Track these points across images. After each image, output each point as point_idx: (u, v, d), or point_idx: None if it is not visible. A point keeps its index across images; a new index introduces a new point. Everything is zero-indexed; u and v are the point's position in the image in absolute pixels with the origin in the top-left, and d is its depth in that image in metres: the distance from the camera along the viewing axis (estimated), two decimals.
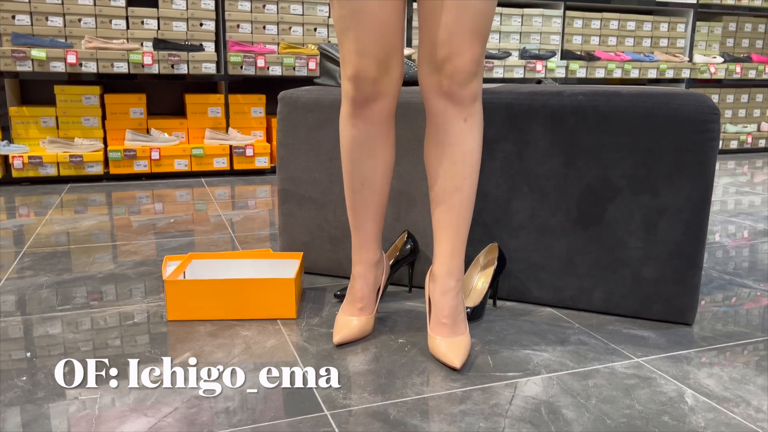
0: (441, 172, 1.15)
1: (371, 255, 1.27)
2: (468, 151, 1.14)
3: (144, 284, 1.63)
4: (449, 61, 1.08)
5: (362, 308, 1.27)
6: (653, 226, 1.33)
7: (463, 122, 1.12)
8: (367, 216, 1.24)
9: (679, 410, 1.01)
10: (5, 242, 2.06)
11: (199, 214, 2.51)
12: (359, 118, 1.17)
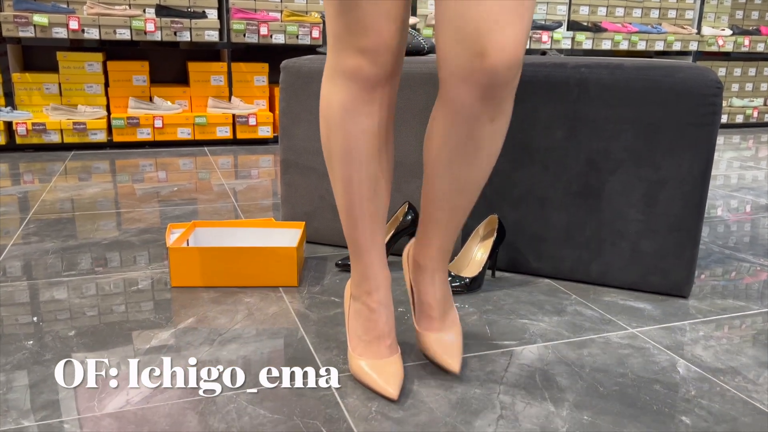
0: (448, 174, 0.93)
1: (387, 272, 1.02)
2: (487, 155, 0.91)
3: (148, 251, 1.65)
4: (490, 40, 0.79)
5: (392, 344, 1.01)
6: (653, 199, 1.34)
7: (490, 123, 0.87)
8: (378, 229, 0.99)
9: (671, 379, 1.03)
10: (10, 208, 2.08)
11: (202, 183, 2.52)
12: (374, 104, 0.91)
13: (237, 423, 0.89)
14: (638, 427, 0.90)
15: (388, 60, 0.89)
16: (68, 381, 1.00)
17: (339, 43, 0.89)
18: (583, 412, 0.93)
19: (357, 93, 0.90)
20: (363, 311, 1.01)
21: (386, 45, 0.87)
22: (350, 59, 0.88)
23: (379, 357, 0.99)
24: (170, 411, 0.92)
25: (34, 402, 0.94)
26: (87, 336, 1.16)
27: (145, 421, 0.89)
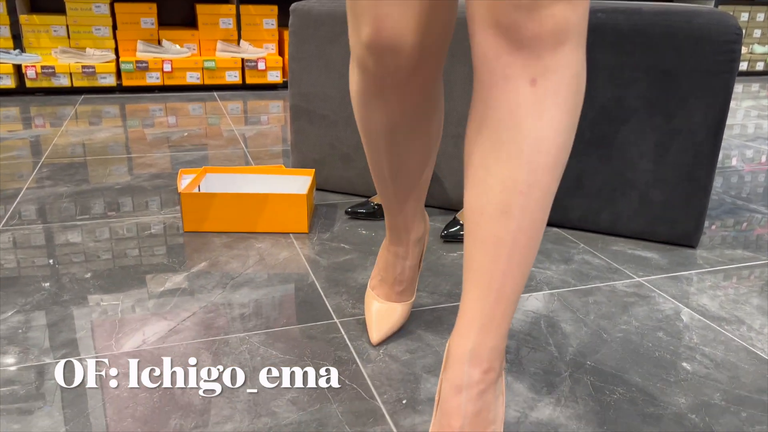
0: (481, 173, 0.63)
1: (415, 233, 0.97)
2: (535, 142, 0.59)
3: (160, 196, 1.67)
4: None
5: (403, 291, 1.00)
6: (665, 148, 1.33)
7: (530, 86, 0.58)
8: (408, 199, 0.90)
9: (675, 327, 1.05)
10: (23, 152, 2.09)
11: (212, 129, 2.51)
12: (386, 100, 0.75)
13: (249, 363, 0.92)
14: (640, 372, 0.92)
15: (398, 63, 0.69)
16: (86, 320, 1.03)
17: (350, 24, 0.71)
18: (587, 358, 0.96)
19: (366, 85, 0.75)
20: (388, 252, 0.99)
21: (392, 45, 0.67)
22: (356, 49, 0.72)
23: (386, 298, 1.00)
24: (185, 350, 0.95)
25: (54, 340, 0.98)
26: (103, 278, 1.19)
27: (161, 360, 0.93)
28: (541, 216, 0.62)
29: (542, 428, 0.80)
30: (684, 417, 0.82)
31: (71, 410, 0.81)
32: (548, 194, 0.62)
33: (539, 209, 0.62)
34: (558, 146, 0.60)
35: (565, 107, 0.60)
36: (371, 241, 1.39)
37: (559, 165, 0.61)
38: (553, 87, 0.59)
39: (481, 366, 0.65)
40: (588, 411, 0.83)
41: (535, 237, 0.63)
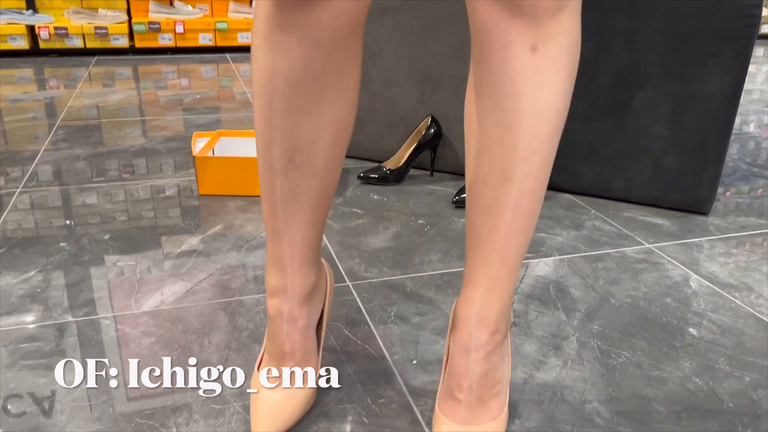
0: (483, 141, 0.63)
1: (299, 280, 0.73)
2: (535, 109, 0.59)
3: (174, 159, 1.69)
4: None
5: (295, 369, 0.75)
6: (680, 114, 1.32)
7: (530, 53, 0.57)
8: (297, 215, 0.70)
9: (683, 294, 1.06)
10: (39, 114, 2.11)
11: (224, 91, 2.51)
12: (291, 33, 0.60)
13: (265, 323, 0.95)
14: (646, 337, 0.94)
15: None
16: (106, 278, 1.06)
17: None
18: (594, 322, 0.97)
19: (272, 12, 0.60)
20: (269, 310, 0.75)
21: None
22: None
23: (275, 384, 0.74)
24: (202, 311, 0.98)
25: (76, 299, 1.01)
26: (120, 240, 1.22)
27: (179, 320, 0.95)
28: (542, 181, 0.63)
29: (548, 389, 0.82)
30: (688, 380, 0.84)
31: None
32: (549, 160, 0.62)
33: (540, 174, 0.63)
34: (558, 112, 0.61)
35: (564, 73, 0.60)
36: (384, 206, 1.40)
37: (559, 131, 0.62)
38: (553, 53, 0.58)
39: (487, 328, 0.67)
40: (594, 373, 0.85)
41: (536, 202, 0.64)
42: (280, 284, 0.73)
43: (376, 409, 0.78)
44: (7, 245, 1.18)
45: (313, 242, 0.73)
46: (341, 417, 0.76)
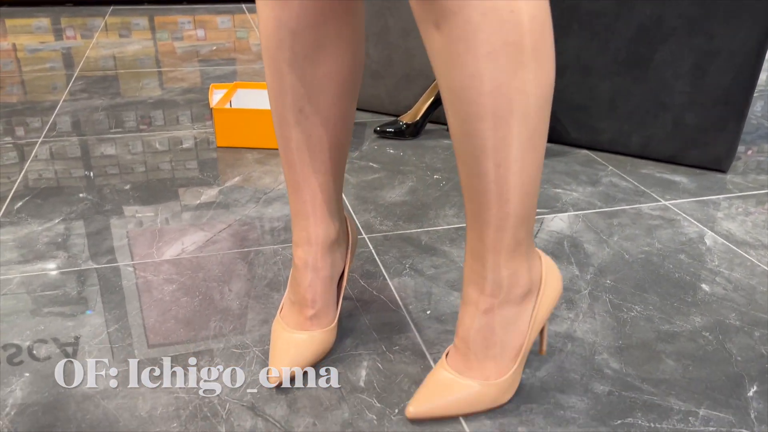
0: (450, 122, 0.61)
1: (322, 230, 0.76)
2: (454, 90, 0.56)
3: (191, 111, 1.69)
4: None
5: (314, 316, 0.77)
6: (702, 70, 1.30)
7: (435, 30, 0.54)
8: (314, 165, 0.73)
9: (697, 250, 1.07)
10: (57, 64, 2.12)
11: (240, 42, 2.49)
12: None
13: (283, 272, 0.97)
14: (658, 291, 0.95)
15: None
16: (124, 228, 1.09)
17: None
18: (607, 277, 0.98)
19: None
20: (294, 260, 0.78)
21: None
22: None
23: (296, 327, 0.77)
24: (222, 260, 1.00)
25: (99, 247, 1.04)
26: (141, 190, 1.24)
27: (200, 268, 0.98)
28: (485, 163, 0.59)
29: (559, 341, 0.84)
30: (698, 335, 0.86)
31: (119, 311, 0.87)
32: (489, 140, 0.57)
33: (481, 156, 0.59)
34: (483, 94, 0.55)
35: (481, 52, 0.53)
36: (400, 160, 1.41)
37: (490, 113, 0.56)
38: (460, 31, 0.52)
39: (478, 287, 0.67)
40: (605, 326, 0.87)
41: (500, 183, 0.60)
42: (303, 234, 0.76)
43: (391, 356, 0.80)
44: (30, 194, 1.21)
45: (332, 193, 0.76)
46: (357, 363, 0.79)
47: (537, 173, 0.61)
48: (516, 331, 0.70)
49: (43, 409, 0.71)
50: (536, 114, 0.58)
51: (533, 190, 0.62)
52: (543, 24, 0.55)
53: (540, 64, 0.56)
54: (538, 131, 0.59)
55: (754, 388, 0.76)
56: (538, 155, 0.60)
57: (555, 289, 0.73)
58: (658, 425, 0.70)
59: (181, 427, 0.68)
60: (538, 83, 0.56)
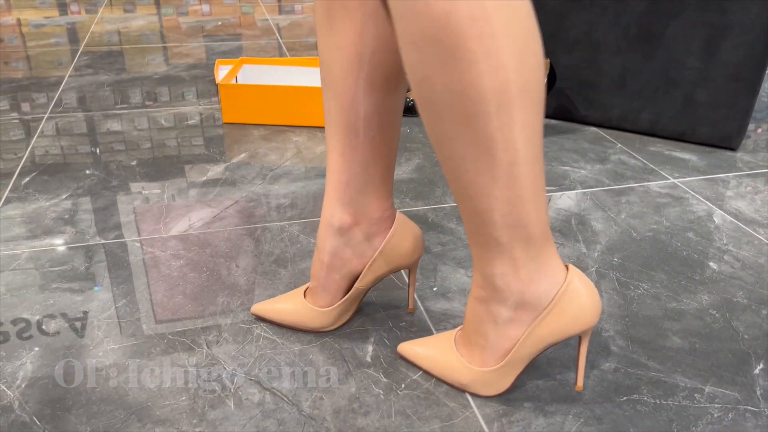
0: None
1: (328, 212, 0.74)
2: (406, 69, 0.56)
3: (196, 87, 1.68)
4: None
5: (311, 290, 0.79)
6: (714, 46, 1.28)
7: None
8: (329, 141, 0.72)
9: (705, 228, 1.06)
10: (61, 39, 2.11)
11: (246, 18, 2.47)
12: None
13: (290, 249, 0.97)
14: (666, 270, 0.95)
15: None
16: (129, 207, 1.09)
17: None
18: (614, 255, 0.98)
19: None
20: (322, 231, 0.78)
21: None
22: None
23: (302, 291, 0.82)
24: (229, 236, 1.01)
25: (106, 223, 1.04)
26: (147, 166, 1.24)
27: (207, 244, 0.98)
28: (438, 153, 0.59)
29: None
30: (705, 313, 0.86)
31: (127, 286, 0.88)
32: (431, 131, 0.58)
33: (434, 146, 0.60)
34: (413, 82, 0.56)
35: (407, 41, 0.53)
36: (406, 137, 1.40)
37: (422, 104, 0.56)
38: (394, 13, 0.53)
39: (475, 277, 0.67)
40: (611, 304, 0.87)
41: (467, 160, 0.57)
42: (325, 210, 0.75)
43: (397, 332, 0.80)
44: (37, 170, 1.21)
45: (344, 176, 0.72)
46: (364, 338, 0.79)
47: (493, 185, 0.57)
48: (505, 335, 0.66)
49: (53, 382, 0.71)
50: (479, 117, 0.53)
51: (497, 197, 0.58)
52: (482, 27, 0.50)
53: (473, 65, 0.51)
54: (484, 137, 0.54)
55: (761, 366, 0.76)
56: (490, 164, 0.56)
57: (574, 320, 0.65)
58: (663, 402, 0.71)
59: (190, 401, 0.69)
60: (471, 84, 0.52)
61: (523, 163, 0.56)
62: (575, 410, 0.69)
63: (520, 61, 0.52)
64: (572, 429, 0.67)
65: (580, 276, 0.65)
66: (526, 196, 0.58)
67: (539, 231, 0.61)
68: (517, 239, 0.61)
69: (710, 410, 0.70)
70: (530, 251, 0.62)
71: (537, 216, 0.60)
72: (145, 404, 0.69)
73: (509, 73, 0.52)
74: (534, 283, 0.63)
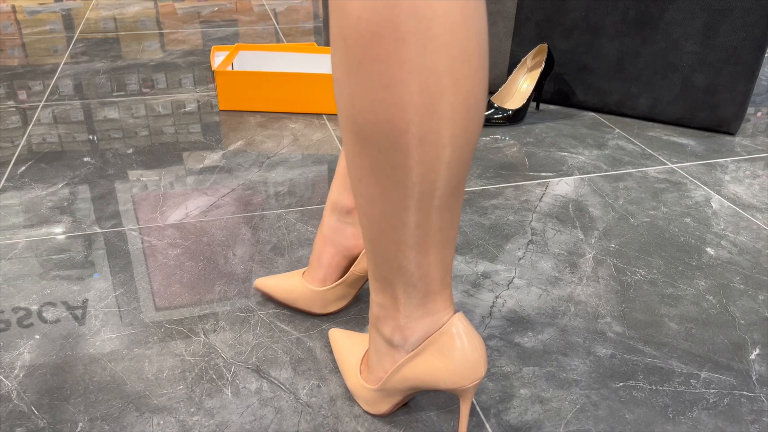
0: None
1: (334, 191, 0.76)
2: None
3: (193, 73, 1.67)
4: None
5: (309, 267, 0.80)
6: (713, 29, 1.27)
7: None
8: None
9: (703, 213, 1.06)
10: (57, 26, 2.09)
11: (242, 3, 2.45)
12: None
13: (287, 237, 0.97)
14: (663, 256, 0.95)
15: None
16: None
17: None
18: (612, 241, 0.98)
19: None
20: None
21: None
22: None
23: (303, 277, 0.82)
24: (226, 224, 1.00)
25: (104, 211, 1.04)
26: (144, 154, 1.23)
27: (204, 232, 0.98)
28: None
29: (562, 304, 0.84)
30: (702, 298, 0.86)
31: (124, 275, 0.88)
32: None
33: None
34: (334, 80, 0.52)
35: (332, 35, 0.48)
36: None
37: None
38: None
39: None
40: (608, 290, 0.87)
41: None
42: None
43: None
44: (34, 158, 1.21)
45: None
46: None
47: (378, 226, 0.52)
48: (381, 363, 0.63)
49: (51, 371, 0.72)
50: (370, 134, 0.47)
51: (379, 244, 0.54)
52: (373, 31, 0.43)
53: (367, 76, 0.45)
54: (379, 158, 0.48)
55: (756, 351, 0.77)
56: (380, 196, 0.50)
57: (447, 373, 0.58)
58: (659, 387, 0.71)
59: (188, 389, 0.69)
60: (363, 97, 0.46)
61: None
62: (571, 397, 0.70)
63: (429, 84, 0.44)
64: (568, 415, 0.67)
65: (466, 329, 0.57)
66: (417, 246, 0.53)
67: (427, 282, 0.55)
68: (401, 281, 0.56)
69: (706, 395, 0.70)
70: (413, 298, 0.57)
71: (427, 267, 0.54)
72: (142, 393, 0.69)
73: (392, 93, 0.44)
74: (410, 325, 0.58)
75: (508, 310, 0.83)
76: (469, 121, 0.47)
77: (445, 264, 0.55)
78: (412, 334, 0.59)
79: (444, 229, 0.53)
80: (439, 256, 0.54)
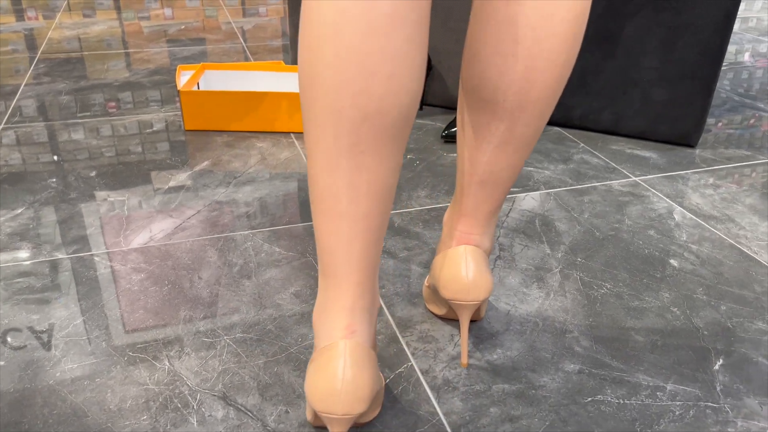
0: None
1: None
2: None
3: (159, 93, 1.66)
4: None
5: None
6: (670, 45, 1.30)
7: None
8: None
9: (666, 226, 1.08)
10: (18, 46, 2.05)
11: (209, 21, 2.44)
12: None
13: (254, 258, 0.96)
14: (628, 269, 0.96)
15: None
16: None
17: None
18: (578, 255, 0.99)
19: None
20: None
21: None
22: None
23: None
24: (192, 247, 0.99)
25: (65, 237, 1.01)
26: (107, 176, 1.21)
27: (169, 256, 0.97)
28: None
29: (530, 320, 0.84)
30: (666, 310, 0.87)
31: (86, 302, 0.86)
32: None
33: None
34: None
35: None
36: None
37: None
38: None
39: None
40: (575, 305, 0.88)
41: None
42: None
43: None
44: None
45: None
46: None
47: (323, 221, 0.55)
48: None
49: (8, 405, 0.70)
50: (330, 131, 0.50)
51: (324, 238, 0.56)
52: (303, 26, 0.48)
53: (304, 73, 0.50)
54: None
55: (720, 362, 0.78)
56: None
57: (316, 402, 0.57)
58: (626, 401, 0.72)
59: (152, 420, 0.68)
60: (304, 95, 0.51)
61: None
62: (541, 414, 0.70)
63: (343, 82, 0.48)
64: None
65: (348, 357, 0.56)
66: (327, 230, 0.55)
67: (333, 269, 0.57)
68: (321, 262, 0.58)
69: (672, 408, 0.71)
70: (324, 281, 0.59)
71: (337, 255, 0.56)
72: (104, 426, 0.67)
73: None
74: (319, 317, 0.60)
75: (477, 327, 0.83)
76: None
77: (355, 257, 0.57)
78: (321, 326, 0.60)
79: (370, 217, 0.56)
80: (352, 247, 0.57)
